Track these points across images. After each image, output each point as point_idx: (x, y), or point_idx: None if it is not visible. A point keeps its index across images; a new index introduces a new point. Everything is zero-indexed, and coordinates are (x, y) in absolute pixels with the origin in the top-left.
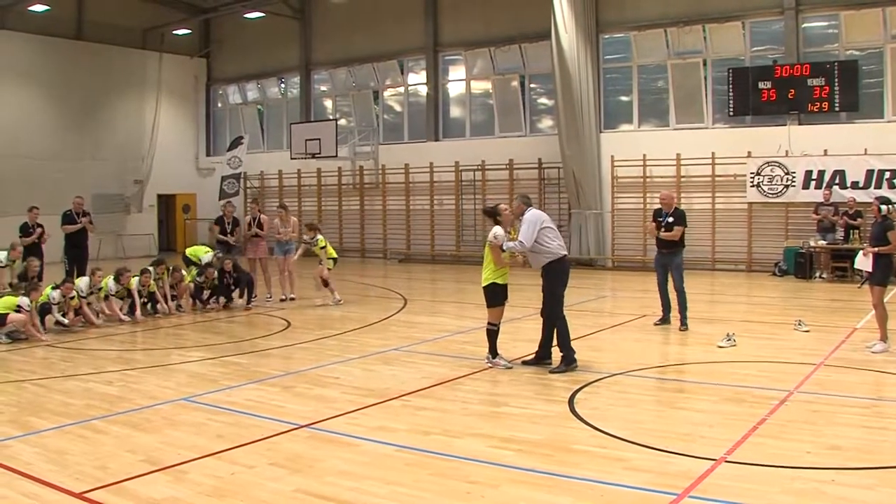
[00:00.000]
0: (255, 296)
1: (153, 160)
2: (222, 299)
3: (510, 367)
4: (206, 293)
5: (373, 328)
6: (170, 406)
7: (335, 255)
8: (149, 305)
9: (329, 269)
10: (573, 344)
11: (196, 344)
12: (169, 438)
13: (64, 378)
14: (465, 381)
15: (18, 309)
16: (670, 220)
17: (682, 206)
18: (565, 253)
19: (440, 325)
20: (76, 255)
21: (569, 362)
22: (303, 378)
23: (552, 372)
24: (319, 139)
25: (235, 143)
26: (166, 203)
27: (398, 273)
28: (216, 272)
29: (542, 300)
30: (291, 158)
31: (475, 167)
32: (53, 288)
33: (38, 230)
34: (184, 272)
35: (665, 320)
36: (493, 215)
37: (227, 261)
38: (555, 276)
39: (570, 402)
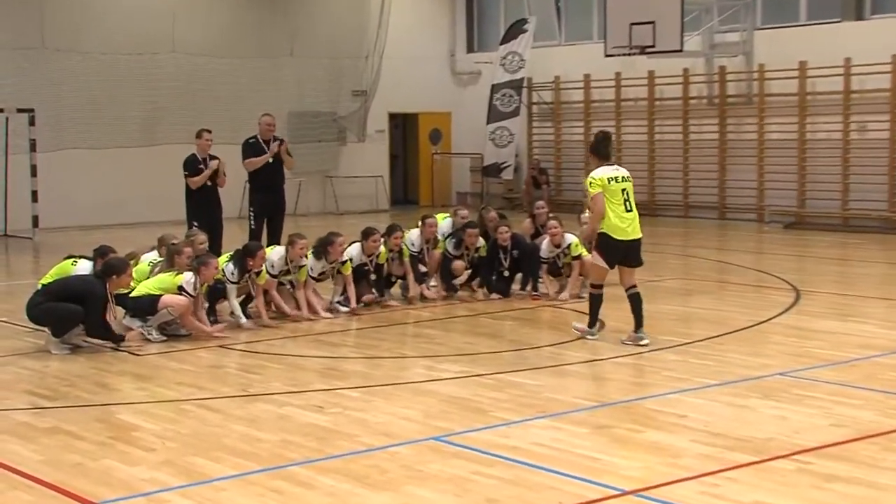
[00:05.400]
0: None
1: (382, 60)
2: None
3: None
4: (463, 272)
5: (741, 336)
6: (412, 448)
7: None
8: (374, 289)
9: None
10: None
11: (453, 351)
12: (412, 499)
13: (246, 399)
14: None
15: (180, 291)
16: None
17: None
18: None
19: (859, 335)
20: (269, 203)
21: None
22: (624, 413)
23: None
24: (653, 23)
25: (514, 30)
26: (403, 127)
27: (783, 246)
28: (481, 240)
29: None
30: (606, 55)
31: None
32: (232, 260)
33: (213, 163)
34: (439, 237)
35: None
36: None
37: (503, 228)
38: None
39: None
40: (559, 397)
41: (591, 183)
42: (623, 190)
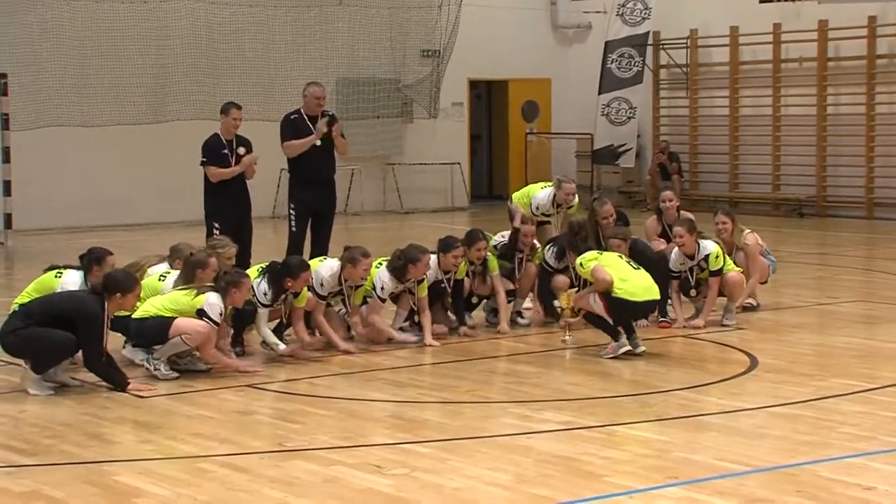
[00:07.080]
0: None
1: (460, 10)
2: None
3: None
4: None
5: None
6: None
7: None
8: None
9: None
10: None
11: (554, 394)
12: None
13: (283, 455)
14: None
15: (200, 316)
16: None
17: None
18: None
19: None
20: (315, 200)
21: None
22: (787, 481)
23: None
24: None
25: None
26: (488, 98)
27: None
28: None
29: None
30: (761, 1)
31: None
32: (266, 277)
33: (247, 157)
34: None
35: None
36: None
37: (616, 242)
38: None
39: None
40: (696, 458)
41: (581, 265)
42: (618, 255)
